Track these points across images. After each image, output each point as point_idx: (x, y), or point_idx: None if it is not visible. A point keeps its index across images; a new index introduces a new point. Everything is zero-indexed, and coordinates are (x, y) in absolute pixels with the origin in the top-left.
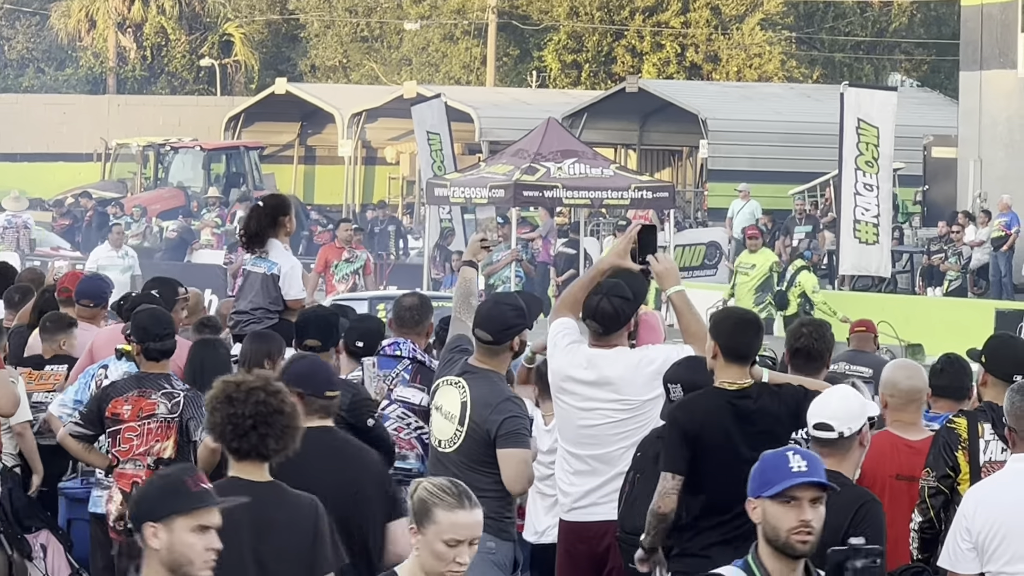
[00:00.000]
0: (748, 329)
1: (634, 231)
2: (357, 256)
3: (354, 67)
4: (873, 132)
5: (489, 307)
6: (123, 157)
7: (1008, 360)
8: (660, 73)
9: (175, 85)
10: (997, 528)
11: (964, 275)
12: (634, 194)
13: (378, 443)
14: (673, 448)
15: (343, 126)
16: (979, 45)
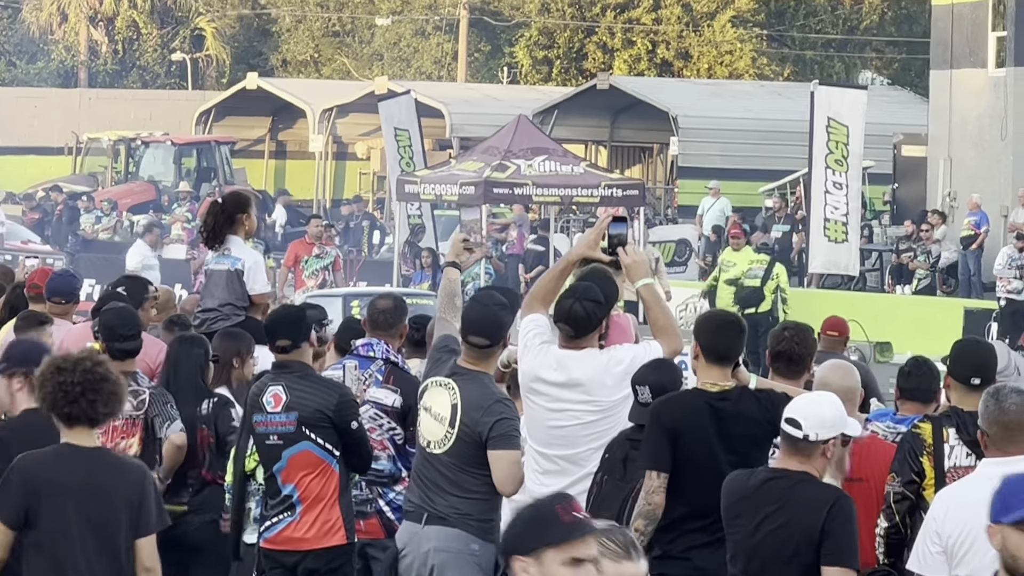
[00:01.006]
0: (730, 330)
1: (604, 223)
2: (327, 252)
3: (325, 62)
4: (843, 131)
5: (478, 311)
6: (94, 151)
7: (968, 363)
8: (631, 70)
9: (147, 79)
10: (967, 533)
11: (933, 274)
12: (604, 192)
13: (357, 446)
14: (655, 446)
15: (314, 121)
16: (950, 44)
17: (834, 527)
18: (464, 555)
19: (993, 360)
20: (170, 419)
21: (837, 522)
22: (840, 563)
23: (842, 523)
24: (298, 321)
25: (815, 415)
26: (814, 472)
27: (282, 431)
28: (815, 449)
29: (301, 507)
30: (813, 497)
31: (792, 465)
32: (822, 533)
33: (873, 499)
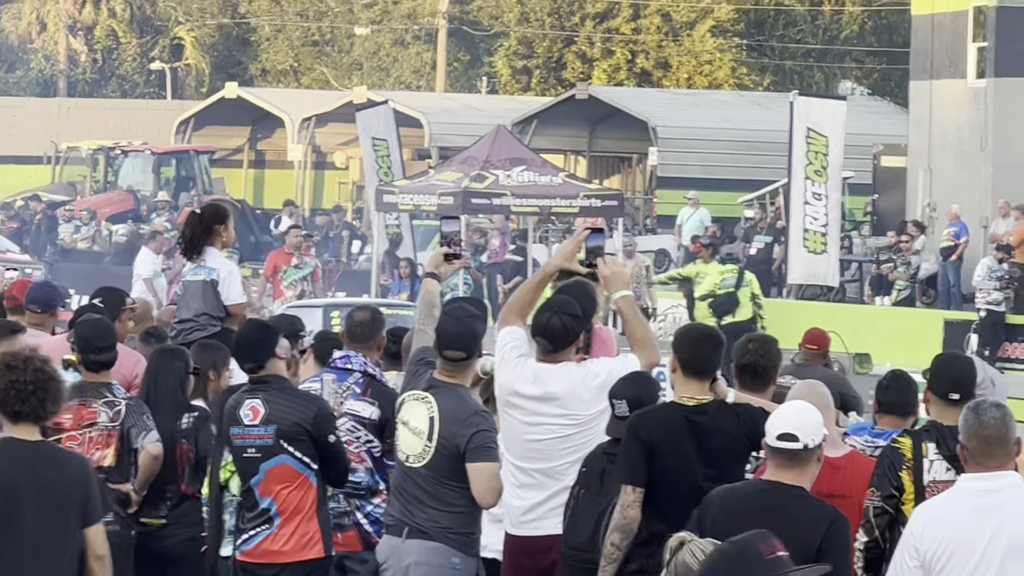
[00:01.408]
0: (708, 344)
1: (582, 234)
2: (306, 263)
3: (305, 71)
4: (822, 141)
5: (452, 325)
6: (73, 160)
7: (946, 377)
8: (610, 79)
9: (126, 88)
10: (945, 547)
11: (913, 284)
12: (583, 202)
13: (334, 460)
14: (631, 460)
15: (293, 131)
16: (930, 54)
17: (831, 547)
18: (445, 569)
19: (972, 375)
20: (146, 429)
21: (834, 542)
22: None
23: (839, 544)
24: (260, 341)
25: (806, 423)
26: (807, 484)
27: (260, 444)
28: (812, 456)
29: (279, 520)
30: (811, 515)
31: (787, 478)
32: (818, 553)
33: (856, 516)
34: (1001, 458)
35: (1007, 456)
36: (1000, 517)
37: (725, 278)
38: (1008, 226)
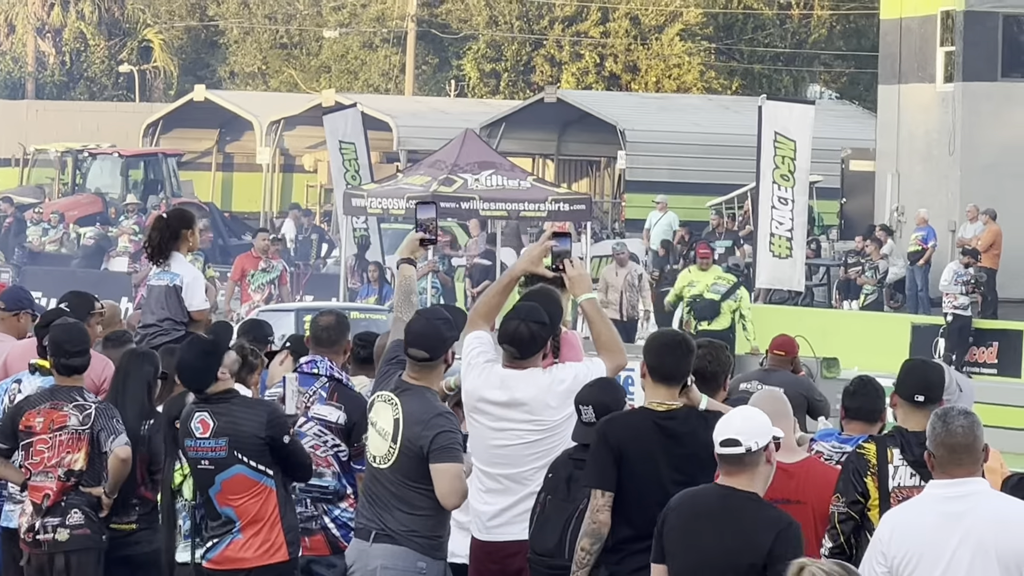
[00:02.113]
0: (675, 351)
1: (548, 238)
2: (273, 266)
3: (273, 74)
4: (790, 145)
5: (421, 325)
6: (41, 163)
7: (912, 381)
8: (579, 83)
9: (94, 91)
10: (912, 553)
11: (880, 289)
12: (551, 206)
13: (293, 460)
14: (600, 465)
15: (261, 134)
16: (898, 58)
17: (783, 552)
18: (411, 573)
19: (939, 380)
20: (115, 433)
21: (787, 547)
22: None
23: (791, 549)
24: (201, 370)
25: (749, 427)
26: (759, 489)
27: (212, 456)
28: (759, 459)
29: (240, 526)
30: (763, 519)
31: (739, 483)
32: (769, 556)
33: (811, 522)
34: (968, 466)
35: (974, 464)
36: (967, 523)
37: (716, 284)
38: (976, 230)
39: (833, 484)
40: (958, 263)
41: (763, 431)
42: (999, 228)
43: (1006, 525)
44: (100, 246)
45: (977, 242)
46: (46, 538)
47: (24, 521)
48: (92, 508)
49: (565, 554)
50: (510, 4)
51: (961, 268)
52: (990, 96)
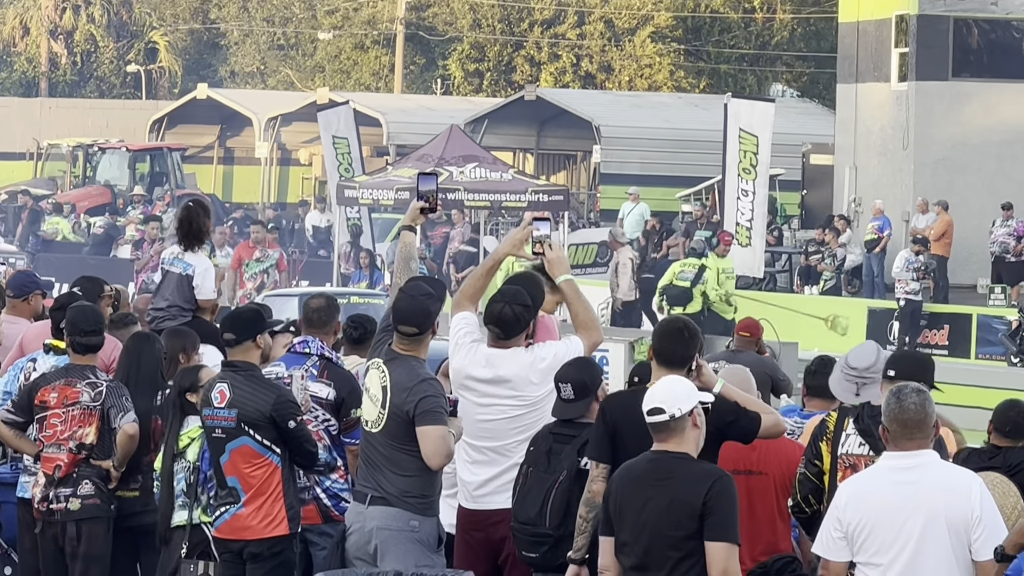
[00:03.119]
0: (675, 337)
1: (529, 224)
2: (268, 255)
3: (271, 73)
4: (753, 141)
5: (407, 303)
6: (54, 156)
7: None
8: (557, 82)
9: (103, 89)
10: (866, 521)
11: (839, 275)
12: (531, 197)
13: (297, 445)
14: (598, 438)
15: (260, 129)
16: (855, 59)
17: (716, 504)
18: (404, 532)
19: (928, 367)
20: (124, 410)
21: (719, 499)
22: (723, 538)
23: (723, 500)
24: (247, 320)
25: (669, 395)
26: (691, 449)
27: (224, 425)
28: (684, 423)
29: (245, 497)
30: (694, 474)
31: (671, 447)
32: (704, 507)
33: (772, 492)
34: (919, 440)
35: (925, 438)
36: (917, 493)
37: (684, 271)
38: (929, 221)
39: (793, 456)
40: (909, 251)
41: (685, 398)
42: (951, 218)
43: (953, 493)
44: (109, 234)
45: (930, 232)
46: (59, 507)
47: (37, 492)
48: (102, 479)
49: (546, 523)
50: (492, 8)
51: (912, 256)
52: (941, 95)
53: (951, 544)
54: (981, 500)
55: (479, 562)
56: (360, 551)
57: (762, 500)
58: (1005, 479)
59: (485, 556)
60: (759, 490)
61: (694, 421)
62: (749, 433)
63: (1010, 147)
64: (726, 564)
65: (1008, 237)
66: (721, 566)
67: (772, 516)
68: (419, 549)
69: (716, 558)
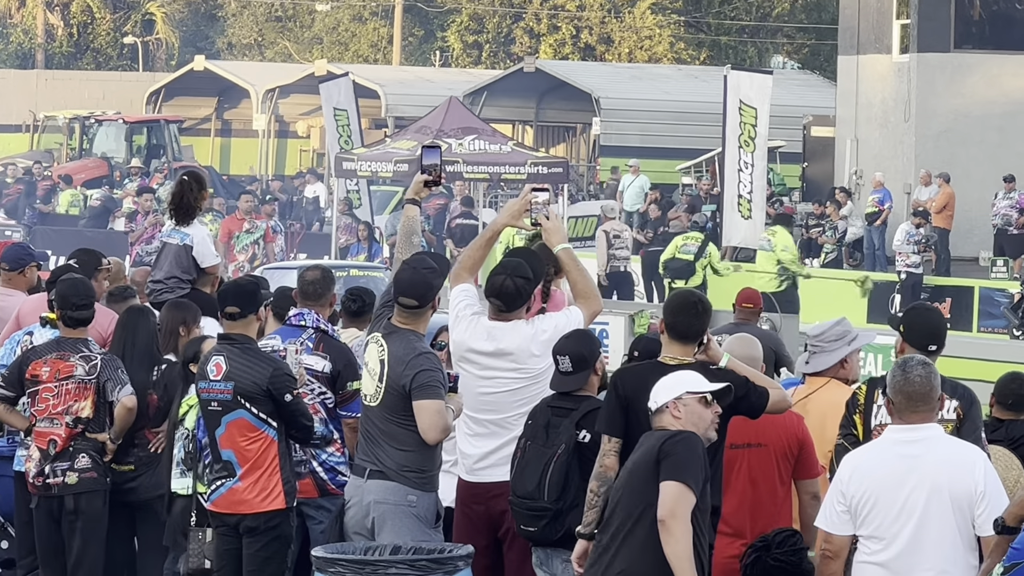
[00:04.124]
0: (690, 311)
1: (527, 194)
2: (257, 226)
3: (268, 45)
4: (752, 113)
5: (409, 275)
6: (50, 129)
7: (923, 330)
8: (556, 54)
9: (100, 61)
10: (869, 495)
11: (840, 248)
12: (531, 169)
13: (293, 419)
14: (610, 412)
15: (257, 101)
16: (856, 31)
17: (672, 449)
18: (401, 507)
19: (944, 325)
20: (121, 383)
21: (676, 446)
22: (675, 478)
23: (681, 446)
24: (250, 293)
25: (653, 390)
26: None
27: (220, 398)
28: (660, 416)
29: (241, 471)
30: (659, 435)
31: (657, 426)
32: (660, 453)
33: (772, 464)
34: (924, 412)
35: (930, 411)
36: (921, 466)
37: (687, 244)
38: (931, 193)
39: (791, 427)
40: (910, 224)
41: (663, 392)
42: (952, 191)
43: (958, 467)
44: (106, 207)
45: (931, 204)
46: (56, 481)
47: (32, 466)
48: (98, 452)
49: (544, 496)
50: None
51: (913, 228)
52: (943, 66)
53: (955, 519)
54: (986, 475)
55: (479, 536)
56: (358, 525)
57: (763, 472)
58: (1007, 452)
59: (485, 529)
60: (759, 463)
61: (671, 411)
62: (758, 408)
63: (1012, 119)
64: (674, 504)
65: (1010, 209)
66: (669, 505)
67: (773, 488)
68: (416, 524)
69: (665, 497)
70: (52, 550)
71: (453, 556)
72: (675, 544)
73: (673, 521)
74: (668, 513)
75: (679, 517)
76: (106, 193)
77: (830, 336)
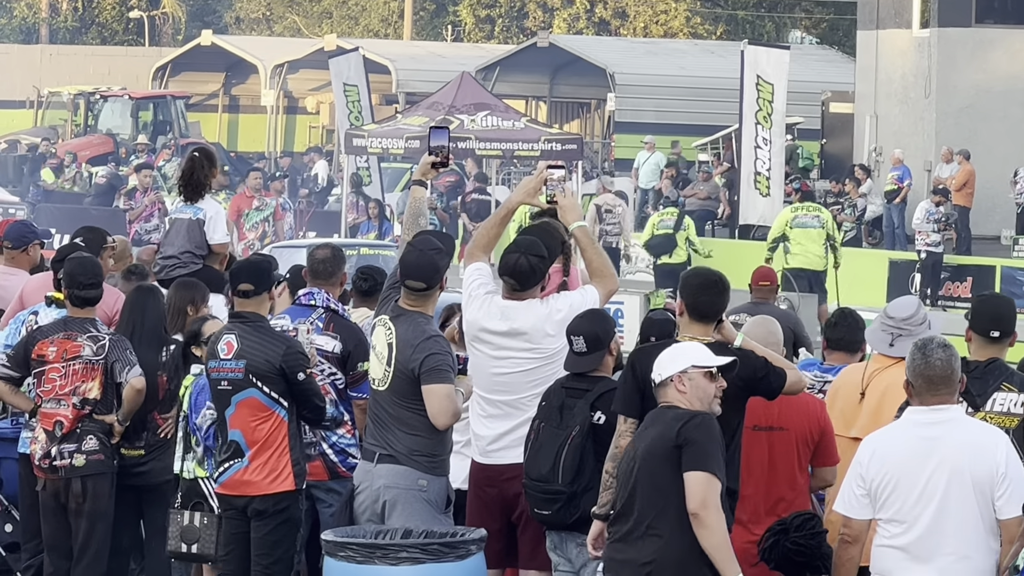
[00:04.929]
0: (712, 290)
1: (543, 171)
2: (267, 203)
3: (277, 20)
4: (769, 89)
5: (416, 257)
6: (55, 105)
7: (987, 316)
8: (570, 28)
9: (105, 36)
10: (890, 477)
11: (859, 226)
12: (544, 146)
13: (305, 398)
14: (627, 392)
15: (266, 77)
16: (876, 5)
17: (692, 436)
18: (412, 491)
19: (1012, 313)
20: (129, 364)
21: (695, 432)
22: (701, 468)
23: (701, 432)
24: (264, 271)
25: (657, 361)
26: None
27: (231, 377)
28: (664, 389)
29: (249, 452)
30: (674, 416)
31: (664, 402)
32: (678, 438)
33: (793, 447)
34: (944, 395)
35: (951, 393)
36: (942, 448)
37: (664, 219)
38: (952, 170)
39: (813, 411)
40: (929, 202)
41: (666, 364)
42: (973, 168)
43: (979, 450)
44: (112, 184)
45: (952, 182)
46: (63, 464)
47: (38, 448)
48: (105, 434)
49: (558, 479)
50: None
51: (932, 207)
52: (964, 41)
53: (976, 502)
54: (1007, 457)
55: (492, 519)
56: (368, 510)
57: (783, 456)
58: None
59: (499, 513)
60: (780, 446)
61: (676, 385)
62: (776, 389)
63: None
64: (704, 495)
65: None
66: (699, 497)
67: (792, 472)
68: (427, 509)
69: (694, 488)
70: (58, 533)
71: (466, 540)
72: (711, 536)
73: (706, 512)
74: (699, 504)
75: (711, 507)
76: (112, 170)
77: (917, 319)
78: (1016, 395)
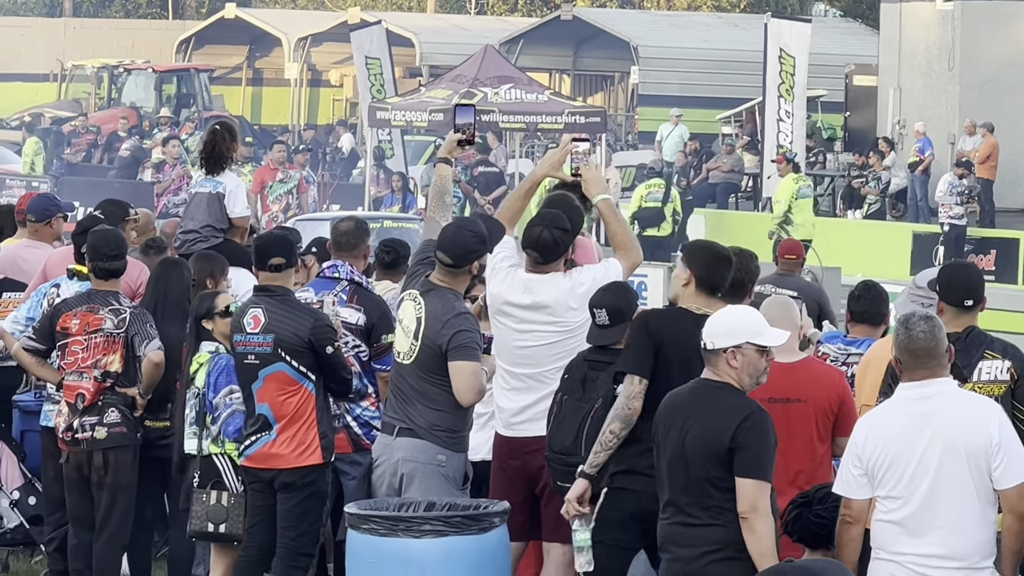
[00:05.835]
0: (724, 263)
1: (568, 144)
2: (291, 176)
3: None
4: (791, 62)
5: (453, 232)
6: (78, 78)
7: (959, 287)
8: (594, 1)
9: (129, 9)
10: (885, 455)
11: (883, 199)
12: (568, 119)
13: (332, 371)
14: (639, 352)
15: (289, 50)
16: None
17: (748, 439)
18: (431, 466)
19: (980, 280)
20: (149, 338)
21: (751, 435)
22: (753, 475)
23: (756, 436)
24: (292, 244)
25: (713, 324)
26: (728, 378)
27: (259, 351)
28: (715, 357)
29: (277, 426)
30: (729, 405)
31: (710, 375)
32: (733, 441)
33: (812, 420)
34: (932, 368)
35: (938, 366)
36: (934, 422)
37: (652, 192)
38: (976, 143)
39: (832, 383)
40: (952, 175)
41: (724, 333)
42: (996, 141)
43: (972, 422)
44: (136, 157)
45: (975, 154)
46: (85, 436)
47: (61, 421)
48: (128, 407)
49: (581, 452)
50: None
51: (956, 179)
52: (988, 14)
53: (971, 474)
54: (1000, 427)
55: (516, 492)
56: (386, 483)
57: (801, 428)
58: None
59: (523, 485)
60: (798, 418)
61: (728, 359)
62: None
63: None
64: (754, 500)
65: None
66: (749, 502)
67: (811, 444)
68: (444, 484)
69: (745, 494)
70: (81, 506)
71: (489, 512)
72: (758, 542)
73: (755, 516)
74: (749, 507)
75: (760, 511)
76: (136, 143)
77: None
78: (1000, 362)
